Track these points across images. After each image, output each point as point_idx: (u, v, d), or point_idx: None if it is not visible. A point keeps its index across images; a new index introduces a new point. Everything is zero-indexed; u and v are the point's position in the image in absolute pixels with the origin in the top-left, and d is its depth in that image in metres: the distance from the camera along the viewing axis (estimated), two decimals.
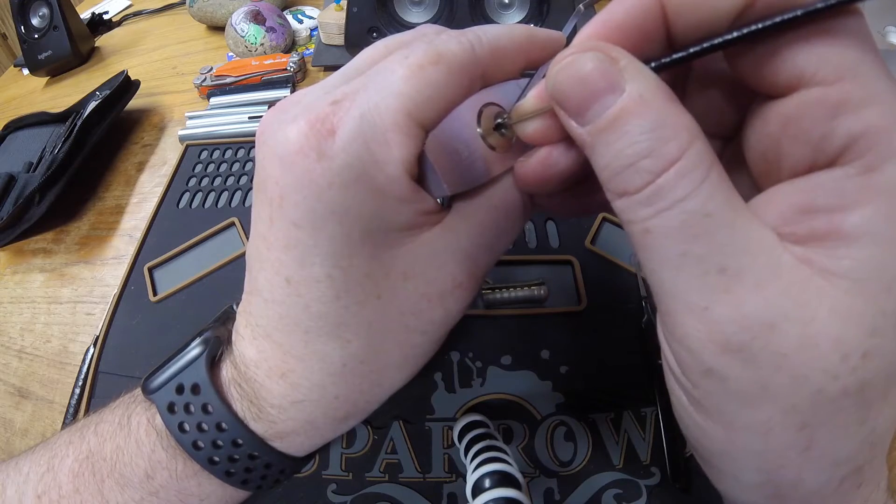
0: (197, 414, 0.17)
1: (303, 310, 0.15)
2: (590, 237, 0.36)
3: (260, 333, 0.17)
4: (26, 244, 0.40)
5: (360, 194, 0.14)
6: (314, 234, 0.14)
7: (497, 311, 0.32)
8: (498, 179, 0.16)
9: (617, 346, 0.31)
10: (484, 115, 0.15)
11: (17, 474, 0.18)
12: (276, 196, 0.14)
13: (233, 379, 0.18)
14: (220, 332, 0.19)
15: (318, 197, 0.13)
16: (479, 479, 0.21)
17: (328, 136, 0.13)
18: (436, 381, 0.29)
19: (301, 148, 0.13)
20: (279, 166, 0.14)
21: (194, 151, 0.44)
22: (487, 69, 0.15)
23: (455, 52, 0.14)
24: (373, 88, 0.14)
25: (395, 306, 0.15)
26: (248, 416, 0.17)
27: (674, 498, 0.25)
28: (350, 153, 0.13)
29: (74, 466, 0.18)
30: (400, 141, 0.13)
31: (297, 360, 0.16)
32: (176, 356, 0.19)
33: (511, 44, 0.15)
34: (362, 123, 0.13)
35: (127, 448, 0.18)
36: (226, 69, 0.51)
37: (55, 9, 0.57)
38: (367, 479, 0.26)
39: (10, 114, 0.50)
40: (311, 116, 0.14)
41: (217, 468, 0.17)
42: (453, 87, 0.14)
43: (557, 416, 0.28)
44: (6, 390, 0.31)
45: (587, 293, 0.33)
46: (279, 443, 0.18)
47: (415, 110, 0.13)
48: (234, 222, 0.37)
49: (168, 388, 0.18)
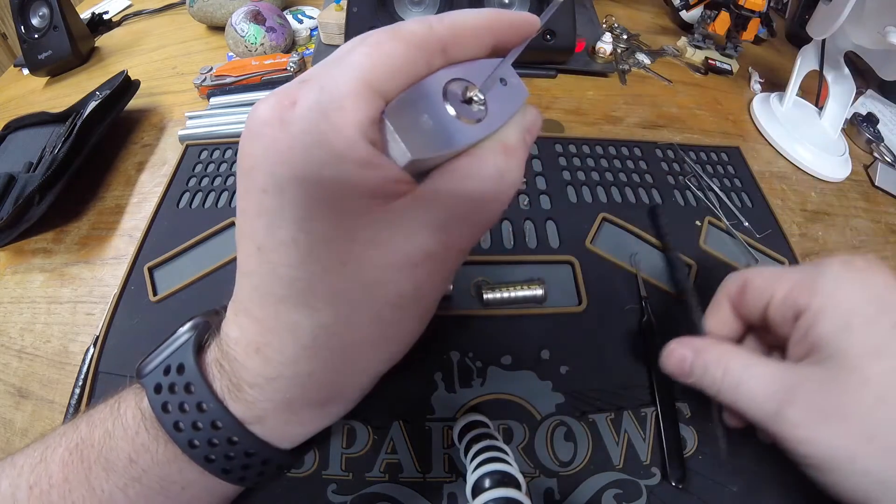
0: (180, 394, 0.18)
1: (273, 277, 0.16)
2: (590, 237, 0.36)
3: (240, 309, 0.17)
4: (26, 244, 0.40)
5: (320, 157, 0.14)
6: (279, 197, 0.15)
7: (497, 310, 0.32)
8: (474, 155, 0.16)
9: (617, 346, 0.31)
10: (450, 88, 0.16)
11: (12, 468, 0.19)
12: (247, 168, 0.15)
13: (216, 359, 0.18)
14: (211, 318, 0.20)
15: (281, 161, 0.14)
16: (479, 479, 0.21)
17: (290, 106, 0.14)
18: (436, 381, 0.29)
19: (266, 119, 0.14)
20: (249, 139, 0.15)
21: (194, 151, 0.44)
22: (448, 45, 0.15)
23: (412, 28, 0.15)
24: (337, 68, 0.15)
25: (363, 274, 0.15)
26: (228, 396, 0.18)
27: (674, 498, 0.25)
28: (308, 119, 0.14)
29: (65, 455, 0.18)
30: (355, 106, 0.14)
31: (271, 332, 0.16)
32: (167, 340, 0.19)
33: (475, 22, 0.16)
34: (321, 93, 0.14)
35: (114, 432, 0.18)
36: (226, 69, 0.51)
37: (55, 9, 0.57)
38: (367, 479, 0.26)
39: (10, 114, 0.50)
40: (279, 94, 0.15)
41: (196, 452, 0.18)
42: (410, 59, 0.15)
43: (557, 416, 0.28)
44: (6, 390, 0.31)
45: (587, 293, 0.33)
46: (258, 427, 0.18)
47: (371, 79, 0.14)
48: (233, 222, 0.37)
49: (157, 370, 0.18)
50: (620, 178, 0.41)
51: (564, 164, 0.42)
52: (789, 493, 0.25)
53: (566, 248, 0.36)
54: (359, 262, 0.15)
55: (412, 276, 0.16)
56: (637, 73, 0.56)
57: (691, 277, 0.34)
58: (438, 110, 0.15)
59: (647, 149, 0.44)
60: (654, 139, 0.45)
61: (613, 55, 0.55)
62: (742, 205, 0.40)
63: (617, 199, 0.39)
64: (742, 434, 0.24)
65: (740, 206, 0.40)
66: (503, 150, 0.16)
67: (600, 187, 0.40)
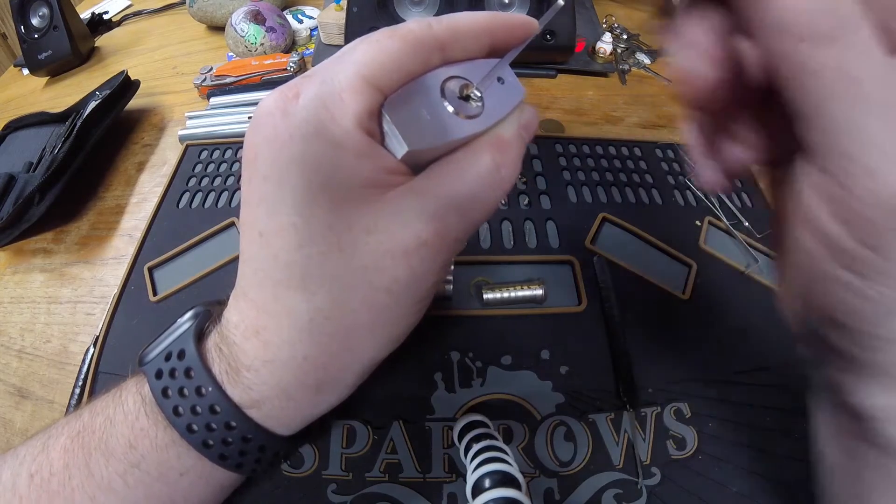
0: (180, 378, 0.18)
1: (272, 261, 0.16)
2: (590, 237, 0.36)
3: (240, 294, 0.18)
4: (26, 244, 0.40)
5: (319, 146, 0.15)
6: (279, 184, 0.15)
7: (497, 310, 0.32)
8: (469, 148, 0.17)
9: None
10: (448, 85, 0.16)
11: (14, 458, 0.19)
12: (251, 158, 0.16)
13: (215, 344, 0.19)
14: (213, 307, 0.20)
15: (282, 149, 0.15)
16: (479, 479, 0.21)
17: (293, 98, 0.15)
18: (436, 381, 0.29)
19: (270, 110, 0.15)
20: (253, 129, 0.16)
21: (194, 151, 0.44)
22: (446, 44, 0.16)
23: (411, 27, 0.16)
24: (339, 64, 0.16)
25: (358, 260, 0.16)
26: (226, 379, 0.18)
27: (674, 498, 0.25)
28: (308, 109, 0.15)
29: (66, 443, 0.18)
30: (353, 98, 0.15)
31: (269, 315, 0.17)
32: (168, 328, 0.20)
33: (473, 24, 0.17)
34: (322, 86, 0.15)
35: (115, 418, 0.18)
36: (226, 69, 0.51)
37: (55, 9, 0.57)
38: (367, 479, 0.26)
39: (10, 114, 0.50)
40: (284, 88, 0.16)
41: (195, 437, 0.18)
42: (408, 56, 0.16)
43: (557, 416, 0.28)
44: (6, 390, 0.31)
45: (587, 293, 0.33)
46: (255, 412, 0.18)
47: (369, 74, 0.15)
48: (233, 222, 0.37)
49: (158, 357, 0.19)
50: (620, 178, 0.41)
51: (564, 164, 0.42)
52: (789, 493, 0.25)
53: (566, 248, 0.36)
54: (355, 248, 0.16)
55: (407, 262, 0.16)
56: (637, 73, 0.56)
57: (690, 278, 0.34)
58: (436, 105, 0.16)
59: (647, 149, 0.44)
60: (654, 139, 0.45)
61: (613, 55, 0.55)
62: (742, 205, 0.40)
63: (617, 199, 0.39)
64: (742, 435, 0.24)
65: (740, 206, 0.40)
66: (498, 144, 0.17)
67: (600, 187, 0.40)
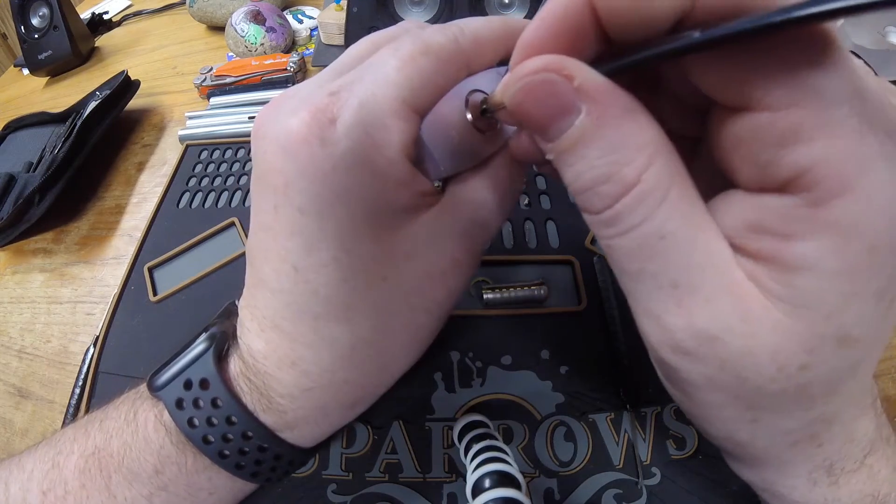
0: (206, 409, 0.17)
1: (311, 296, 0.15)
2: (590, 237, 0.36)
3: (267, 325, 0.17)
4: (26, 244, 0.40)
5: (363, 177, 0.14)
6: (320, 218, 0.14)
7: (497, 310, 0.32)
8: (488, 160, 0.17)
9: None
10: (471, 100, 0.16)
11: (21, 472, 0.19)
12: (280, 185, 0.14)
13: (241, 373, 0.18)
14: (226, 327, 0.19)
15: (323, 182, 0.14)
16: (479, 479, 0.21)
17: (329, 124, 0.14)
18: (436, 381, 0.29)
19: (305, 137, 0.14)
20: (282, 155, 0.14)
21: (194, 151, 0.44)
22: (471, 58, 0.16)
23: (441, 43, 0.15)
24: (368, 80, 0.14)
25: (400, 287, 0.16)
26: (258, 408, 0.18)
27: (674, 498, 0.25)
28: (352, 138, 0.14)
29: (80, 463, 0.18)
30: (398, 125, 0.14)
31: (307, 347, 0.16)
32: (181, 353, 0.19)
33: (491, 34, 0.16)
34: (361, 111, 0.14)
35: (135, 444, 0.18)
36: (226, 69, 0.51)
37: (55, 9, 0.57)
38: (367, 479, 0.26)
39: (10, 114, 0.50)
40: (311, 107, 0.14)
41: (227, 462, 0.18)
42: (442, 75, 0.15)
43: (557, 416, 0.28)
44: (6, 390, 0.31)
45: (587, 293, 0.33)
46: (289, 433, 0.18)
47: (409, 97, 0.14)
48: (234, 222, 0.37)
49: (175, 384, 0.18)
50: None
51: None
52: None
53: (566, 248, 0.36)
54: (397, 275, 0.16)
55: (444, 283, 0.16)
56: None
57: None
58: (464, 125, 0.16)
59: None
60: None
61: None
62: None
63: None
64: None
65: None
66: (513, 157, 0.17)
67: None
